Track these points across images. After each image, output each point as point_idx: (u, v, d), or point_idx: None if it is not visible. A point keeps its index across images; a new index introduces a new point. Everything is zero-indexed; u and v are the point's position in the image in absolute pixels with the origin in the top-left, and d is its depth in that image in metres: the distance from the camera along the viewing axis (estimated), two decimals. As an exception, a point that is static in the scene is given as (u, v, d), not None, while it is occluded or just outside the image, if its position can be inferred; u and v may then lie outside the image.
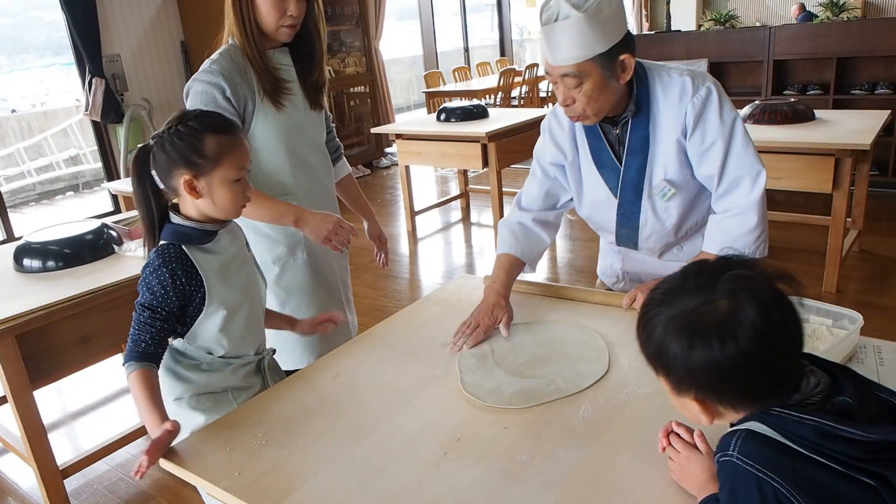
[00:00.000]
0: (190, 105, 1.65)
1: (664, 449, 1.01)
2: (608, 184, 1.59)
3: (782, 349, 0.78)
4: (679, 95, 1.46)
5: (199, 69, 1.67)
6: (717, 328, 0.77)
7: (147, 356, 1.26)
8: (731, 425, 0.84)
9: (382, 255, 2.05)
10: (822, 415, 0.77)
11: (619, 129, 1.54)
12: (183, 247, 1.31)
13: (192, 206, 1.32)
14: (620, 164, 1.55)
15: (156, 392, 1.24)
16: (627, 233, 1.65)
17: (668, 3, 9.55)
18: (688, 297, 0.80)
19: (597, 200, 1.64)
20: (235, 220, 1.45)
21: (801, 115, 3.54)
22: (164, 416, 1.20)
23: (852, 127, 3.32)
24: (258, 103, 1.69)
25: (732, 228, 1.49)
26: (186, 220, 1.33)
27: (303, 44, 1.76)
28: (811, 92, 5.01)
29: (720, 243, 1.51)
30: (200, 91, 1.64)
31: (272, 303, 1.81)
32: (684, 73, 1.48)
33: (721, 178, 1.49)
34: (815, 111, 3.65)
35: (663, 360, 0.82)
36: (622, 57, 1.39)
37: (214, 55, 1.69)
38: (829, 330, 1.31)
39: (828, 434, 0.76)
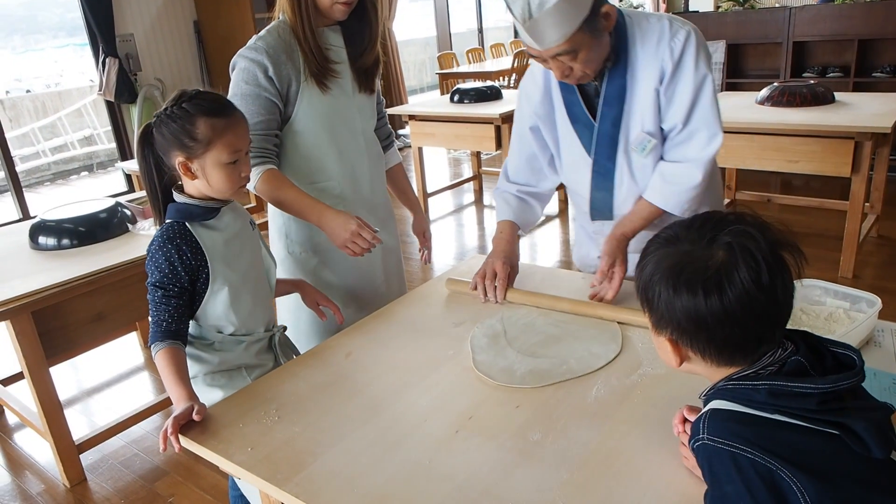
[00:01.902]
0: (233, 81, 1.60)
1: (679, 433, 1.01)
2: (582, 140, 1.55)
3: (763, 314, 0.80)
4: (657, 40, 1.42)
5: (246, 45, 1.60)
6: (705, 278, 0.79)
7: (170, 334, 1.28)
8: (701, 398, 0.88)
9: (426, 252, 1.98)
10: (774, 377, 0.80)
11: (597, 81, 1.49)
12: (186, 224, 1.33)
13: (191, 185, 1.34)
14: (595, 118, 1.51)
15: (181, 367, 1.26)
16: (602, 196, 1.60)
17: (686, -17, 9.38)
18: (688, 242, 0.83)
19: (572, 160, 1.61)
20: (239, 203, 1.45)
21: (820, 98, 3.49)
22: (189, 391, 1.22)
23: (872, 110, 3.26)
24: (302, 84, 1.62)
25: (676, 178, 1.47)
26: (190, 198, 1.34)
27: (357, 23, 1.67)
28: (831, 74, 4.93)
29: (659, 191, 1.49)
30: (243, 68, 1.58)
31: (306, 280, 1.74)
32: (663, 17, 1.44)
33: (683, 127, 1.45)
34: (835, 94, 3.59)
35: (649, 294, 0.85)
36: (603, 9, 1.33)
37: (263, 31, 1.62)
38: (846, 313, 1.30)
39: (780, 393, 0.79)
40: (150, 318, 1.31)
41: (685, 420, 0.99)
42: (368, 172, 1.81)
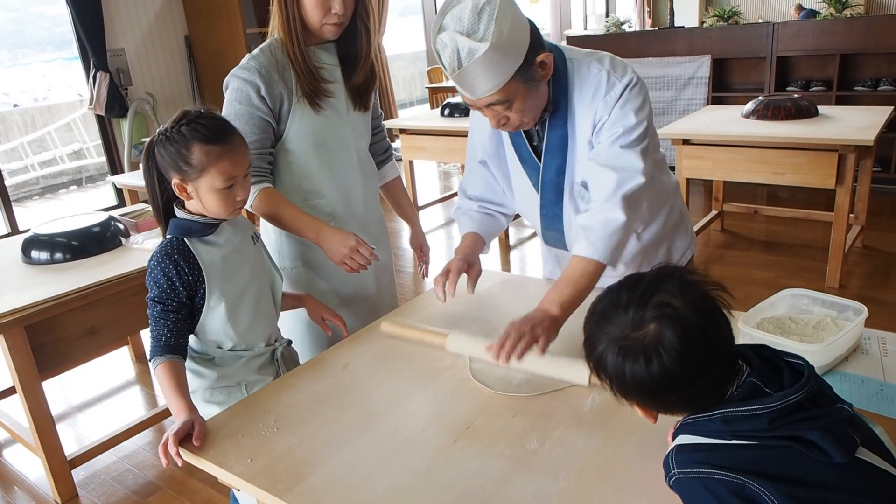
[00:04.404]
0: (227, 101, 1.61)
1: None
2: (531, 179, 1.53)
3: (706, 366, 0.83)
4: (593, 92, 1.35)
5: (239, 64, 1.61)
6: (644, 353, 0.83)
7: (169, 348, 1.28)
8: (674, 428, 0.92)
9: (424, 266, 1.99)
10: (727, 404, 0.84)
11: (539, 126, 1.45)
12: (185, 239, 1.34)
13: (189, 203, 1.36)
14: (541, 161, 1.48)
15: (181, 380, 1.27)
16: (554, 234, 1.59)
17: (671, -1, 9.52)
18: (621, 315, 0.86)
19: (523, 195, 1.59)
20: (244, 216, 1.47)
21: (804, 111, 3.55)
22: (188, 404, 1.23)
23: (855, 123, 3.33)
24: (295, 103, 1.62)
25: (597, 227, 1.32)
26: (189, 214, 1.36)
27: (349, 42, 1.67)
28: (814, 88, 5.01)
29: (584, 240, 1.32)
30: (236, 88, 1.59)
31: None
32: (604, 65, 1.36)
33: (601, 167, 1.34)
34: (819, 107, 3.66)
35: (604, 374, 0.90)
36: (539, 59, 1.28)
37: (255, 50, 1.62)
38: (834, 321, 1.32)
39: (732, 418, 0.83)
40: (150, 333, 1.32)
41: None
42: (362, 190, 1.81)
